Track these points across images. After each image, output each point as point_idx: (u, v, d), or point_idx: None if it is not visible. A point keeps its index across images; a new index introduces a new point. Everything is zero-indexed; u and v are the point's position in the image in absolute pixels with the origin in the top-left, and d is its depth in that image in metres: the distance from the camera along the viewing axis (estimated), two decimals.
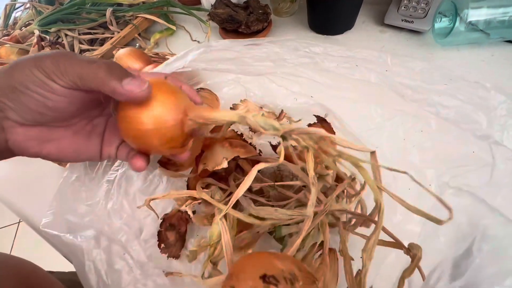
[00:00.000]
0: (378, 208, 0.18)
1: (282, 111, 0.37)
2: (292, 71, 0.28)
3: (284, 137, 0.20)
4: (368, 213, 0.24)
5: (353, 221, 0.24)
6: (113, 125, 0.28)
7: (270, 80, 0.36)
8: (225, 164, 0.27)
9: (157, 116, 0.22)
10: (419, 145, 0.30)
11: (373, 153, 0.18)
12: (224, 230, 0.24)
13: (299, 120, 0.37)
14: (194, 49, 0.31)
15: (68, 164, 0.35)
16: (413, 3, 0.54)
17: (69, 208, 0.32)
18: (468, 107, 0.22)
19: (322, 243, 0.26)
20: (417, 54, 0.51)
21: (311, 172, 0.19)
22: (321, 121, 0.31)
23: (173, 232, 0.37)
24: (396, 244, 0.20)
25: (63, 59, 0.20)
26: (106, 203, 0.34)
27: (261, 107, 0.39)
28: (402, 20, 0.54)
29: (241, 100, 0.40)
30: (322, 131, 0.19)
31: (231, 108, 0.39)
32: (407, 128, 0.30)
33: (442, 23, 0.51)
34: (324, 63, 0.27)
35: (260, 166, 0.21)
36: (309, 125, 0.32)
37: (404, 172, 0.16)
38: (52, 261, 0.45)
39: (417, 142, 0.30)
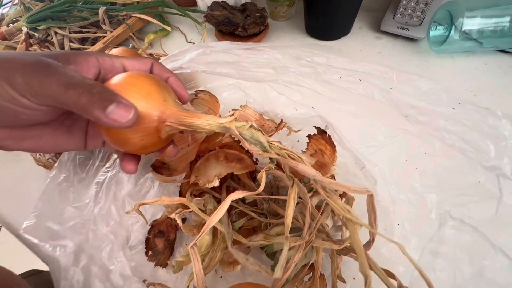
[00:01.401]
0: (365, 283, 0.15)
1: (282, 120, 0.35)
2: (294, 79, 0.26)
3: (271, 159, 0.18)
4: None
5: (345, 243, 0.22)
6: None
7: (271, 88, 0.34)
8: (216, 183, 0.25)
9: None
10: (422, 168, 0.28)
11: (370, 196, 0.16)
12: (196, 260, 0.22)
13: (299, 130, 0.35)
14: (193, 48, 0.29)
15: (56, 163, 0.33)
16: (409, 11, 0.53)
17: (54, 212, 0.29)
18: (476, 135, 0.20)
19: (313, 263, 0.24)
20: (413, 61, 0.50)
21: (288, 221, 0.17)
22: (321, 133, 0.29)
23: (161, 239, 0.35)
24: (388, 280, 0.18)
25: (36, 77, 0.17)
26: (94, 206, 0.32)
27: (261, 114, 0.37)
28: (398, 27, 0.53)
29: (241, 106, 0.38)
30: (312, 171, 0.16)
31: (229, 111, 0.37)
32: (410, 149, 0.28)
33: (437, 31, 0.50)
34: (326, 75, 0.24)
35: (236, 195, 0.20)
36: (309, 136, 0.29)
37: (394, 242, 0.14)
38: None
39: (420, 164, 0.28)
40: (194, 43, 0.59)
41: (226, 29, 0.55)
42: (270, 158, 0.20)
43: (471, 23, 0.46)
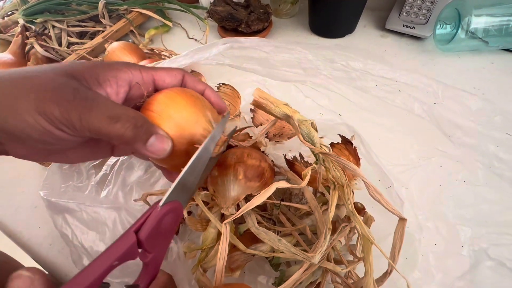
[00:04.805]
0: None
1: None
2: (324, 82, 0.22)
3: (317, 158, 0.15)
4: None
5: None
6: None
7: (298, 89, 0.30)
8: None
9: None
10: (458, 197, 0.24)
11: (403, 220, 0.14)
12: (225, 235, 0.19)
13: (322, 137, 0.31)
14: (220, 43, 0.26)
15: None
16: (415, 9, 0.49)
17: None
18: None
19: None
20: (419, 60, 0.47)
21: (331, 215, 0.14)
22: (346, 143, 0.25)
23: None
24: None
25: (75, 110, 0.15)
26: (100, 189, 0.30)
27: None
28: (404, 26, 0.50)
29: None
30: (359, 171, 0.13)
31: (251, 107, 0.34)
32: (447, 174, 0.24)
33: (444, 29, 0.47)
34: (361, 81, 0.21)
35: (281, 184, 0.17)
36: (331, 144, 0.26)
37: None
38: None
39: (456, 192, 0.24)
40: (196, 39, 0.55)
41: (229, 25, 0.52)
42: (316, 159, 0.19)
43: (478, 22, 0.44)
